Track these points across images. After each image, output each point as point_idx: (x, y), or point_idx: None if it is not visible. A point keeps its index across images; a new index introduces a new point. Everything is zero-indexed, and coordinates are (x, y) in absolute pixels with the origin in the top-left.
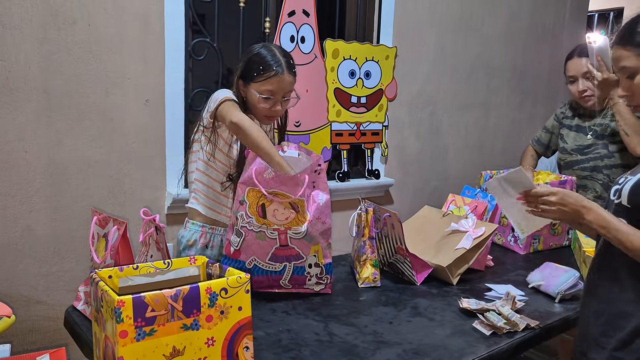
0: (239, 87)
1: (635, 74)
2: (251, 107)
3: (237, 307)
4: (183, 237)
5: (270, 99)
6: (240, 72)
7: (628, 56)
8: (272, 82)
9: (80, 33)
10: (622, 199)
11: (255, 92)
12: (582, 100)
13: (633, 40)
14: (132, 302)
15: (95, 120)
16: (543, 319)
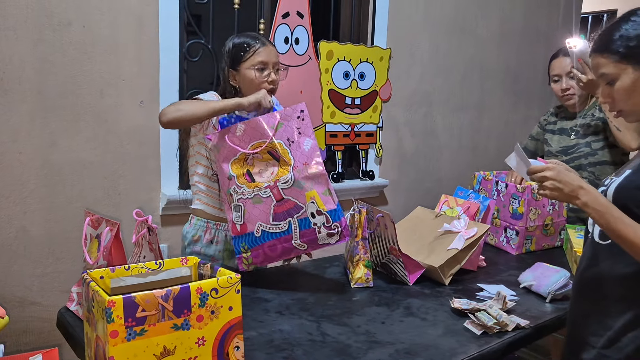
0: (229, 78)
1: (614, 80)
2: (246, 90)
3: (228, 307)
4: (188, 232)
5: (265, 69)
6: (228, 63)
7: (606, 63)
8: (261, 53)
9: (75, 34)
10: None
11: (248, 69)
12: (563, 98)
13: (610, 48)
14: (123, 302)
15: (90, 121)
16: (534, 319)
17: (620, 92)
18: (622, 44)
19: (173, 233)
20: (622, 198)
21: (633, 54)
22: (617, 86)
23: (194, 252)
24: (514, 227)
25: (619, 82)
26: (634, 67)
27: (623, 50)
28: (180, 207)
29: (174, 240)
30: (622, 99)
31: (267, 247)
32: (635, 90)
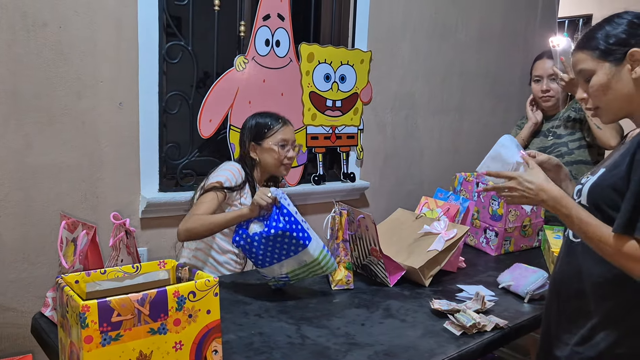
0: (249, 151)
1: (591, 76)
2: (266, 164)
3: (206, 311)
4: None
5: (286, 146)
6: (250, 137)
7: (585, 59)
8: (283, 132)
9: (51, 35)
10: (581, 198)
11: (271, 144)
12: (542, 99)
13: (590, 44)
14: (98, 306)
15: (66, 123)
16: (512, 319)
17: (596, 87)
18: (602, 41)
19: (153, 236)
20: (596, 197)
21: (611, 50)
22: (592, 81)
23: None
24: (494, 228)
25: (595, 77)
26: (610, 63)
27: (602, 47)
28: (160, 210)
29: (154, 244)
30: (597, 95)
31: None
32: (609, 87)
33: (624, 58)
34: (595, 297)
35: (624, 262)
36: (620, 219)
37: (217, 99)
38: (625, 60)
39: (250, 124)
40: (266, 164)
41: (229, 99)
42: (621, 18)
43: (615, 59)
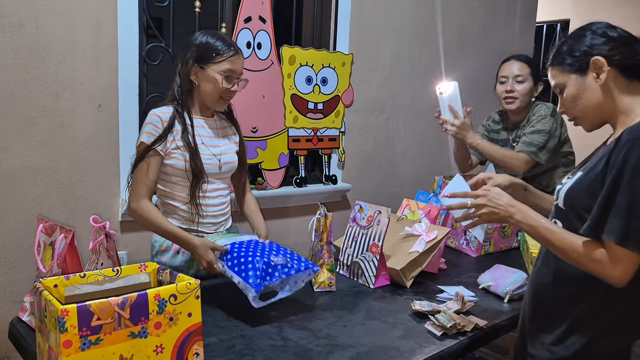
0: (190, 73)
1: (563, 89)
2: (204, 92)
3: (187, 314)
4: (156, 241)
5: (231, 78)
6: (195, 57)
7: (556, 75)
8: (232, 62)
9: (28, 36)
10: (558, 201)
11: (215, 72)
12: (505, 100)
13: (557, 60)
14: (77, 311)
15: (44, 125)
16: (492, 319)
17: (568, 99)
18: (567, 55)
19: (133, 239)
20: (572, 200)
21: (576, 62)
22: (565, 94)
23: (160, 262)
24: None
25: (566, 90)
26: (577, 74)
27: (568, 61)
28: None
29: (134, 247)
30: (571, 106)
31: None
32: (579, 97)
33: (588, 67)
34: (570, 298)
35: (595, 267)
36: (590, 221)
37: None
38: (589, 69)
39: (198, 40)
40: (204, 92)
41: None
42: (583, 30)
43: (580, 69)
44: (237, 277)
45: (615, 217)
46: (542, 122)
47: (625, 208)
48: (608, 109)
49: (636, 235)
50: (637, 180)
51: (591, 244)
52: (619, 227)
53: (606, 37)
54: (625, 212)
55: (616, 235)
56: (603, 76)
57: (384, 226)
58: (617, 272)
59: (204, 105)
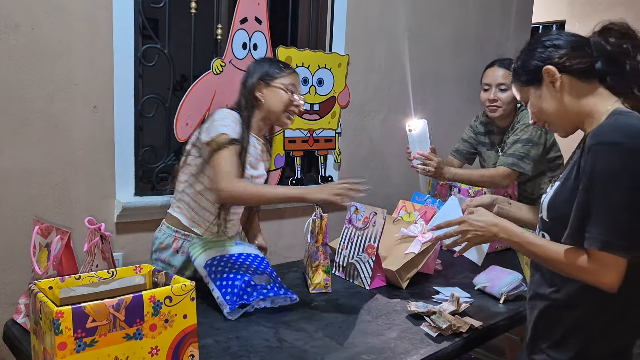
0: (256, 90)
1: (527, 101)
2: (270, 107)
3: (182, 315)
4: (157, 238)
5: (294, 93)
6: (259, 75)
7: (517, 90)
8: (293, 77)
9: (23, 37)
10: (543, 214)
11: (282, 86)
12: (489, 108)
13: (515, 76)
14: (72, 312)
15: (39, 127)
16: (487, 319)
17: (533, 111)
18: (522, 70)
19: (129, 241)
20: (554, 212)
21: (530, 75)
22: (529, 106)
23: (160, 259)
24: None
25: (529, 103)
26: (534, 87)
27: (523, 77)
28: (136, 214)
29: (130, 248)
30: (538, 116)
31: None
32: (542, 107)
33: (542, 78)
34: (565, 304)
35: (585, 276)
36: (569, 230)
37: (194, 103)
38: (543, 79)
39: (260, 63)
40: (271, 106)
41: (206, 103)
42: (535, 44)
43: (535, 81)
44: (218, 291)
45: (593, 225)
46: (524, 131)
47: (602, 214)
48: (574, 114)
49: (617, 239)
50: (608, 185)
51: (576, 252)
52: (600, 234)
53: (554, 47)
54: (602, 219)
55: (598, 243)
56: (557, 84)
57: (380, 227)
58: (607, 279)
59: (263, 124)
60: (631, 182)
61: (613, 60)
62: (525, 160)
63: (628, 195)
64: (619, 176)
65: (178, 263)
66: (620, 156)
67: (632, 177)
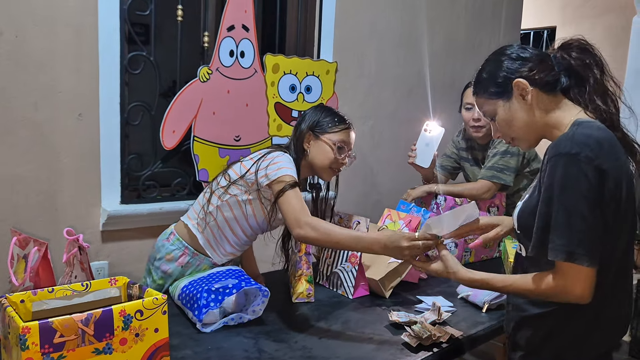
0: (304, 140)
1: (494, 115)
2: (313, 160)
3: (154, 329)
4: (163, 247)
5: (343, 149)
6: (311, 125)
7: (483, 102)
8: (346, 134)
9: (6, 44)
10: (515, 226)
11: (329, 142)
12: (472, 128)
13: (481, 88)
14: (39, 327)
15: (22, 135)
16: (469, 329)
17: (502, 124)
18: (490, 82)
19: (113, 249)
20: (523, 223)
21: (499, 88)
22: (497, 120)
23: (160, 269)
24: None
25: (497, 116)
26: (503, 100)
27: (492, 89)
28: (121, 222)
29: (115, 257)
30: (505, 130)
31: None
32: (512, 120)
33: (512, 91)
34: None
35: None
36: (533, 242)
37: (181, 110)
38: (513, 92)
39: (315, 110)
40: (314, 160)
41: (193, 110)
42: (499, 56)
43: (505, 94)
44: (189, 312)
45: (555, 236)
46: (503, 143)
47: (563, 225)
48: (541, 126)
49: (581, 249)
50: (567, 195)
51: (540, 276)
52: (562, 245)
53: (522, 59)
54: (563, 229)
55: (562, 254)
56: (528, 97)
57: None
58: (577, 290)
59: (306, 171)
60: (589, 192)
61: (577, 74)
62: (505, 172)
63: (586, 204)
64: (576, 186)
65: (177, 275)
66: (577, 166)
67: (590, 186)
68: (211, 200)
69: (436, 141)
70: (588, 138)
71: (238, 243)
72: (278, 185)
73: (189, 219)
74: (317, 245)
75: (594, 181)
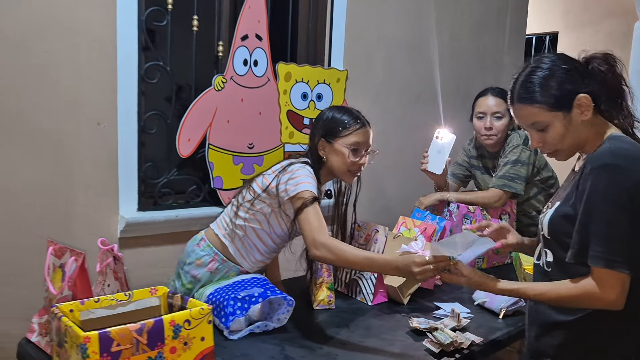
0: (319, 147)
1: (546, 127)
2: (332, 166)
3: (200, 338)
4: (194, 252)
5: (358, 151)
6: (322, 132)
7: (538, 113)
8: (359, 134)
9: (33, 59)
10: (544, 231)
11: (342, 146)
12: (483, 137)
13: (536, 97)
14: (98, 337)
15: (44, 144)
16: (487, 334)
17: (554, 137)
18: (547, 93)
19: (131, 256)
20: (554, 230)
21: (561, 101)
22: (550, 132)
23: (190, 273)
24: None
25: (552, 128)
26: (563, 112)
27: (552, 100)
28: (139, 229)
29: (133, 264)
30: (556, 142)
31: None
32: (566, 134)
33: (572, 105)
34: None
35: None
36: (573, 249)
37: (196, 119)
38: (573, 106)
39: (325, 116)
40: (332, 166)
41: (208, 119)
42: (557, 66)
43: (565, 107)
44: (216, 318)
45: (596, 244)
46: (514, 152)
47: (604, 234)
48: (584, 140)
49: (620, 257)
50: (608, 206)
51: (575, 282)
52: (603, 253)
53: (581, 74)
54: (604, 238)
55: (602, 261)
56: (589, 113)
57: (382, 245)
58: (612, 296)
59: (328, 177)
60: (628, 203)
61: (613, 90)
62: (516, 181)
63: (625, 214)
64: (617, 197)
65: (205, 281)
66: (619, 178)
67: (629, 197)
68: (239, 214)
69: (447, 148)
70: (626, 152)
71: (267, 251)
72: (297, 202)
73: (219, 228)
74: (332, 265)
75: (633, 192)
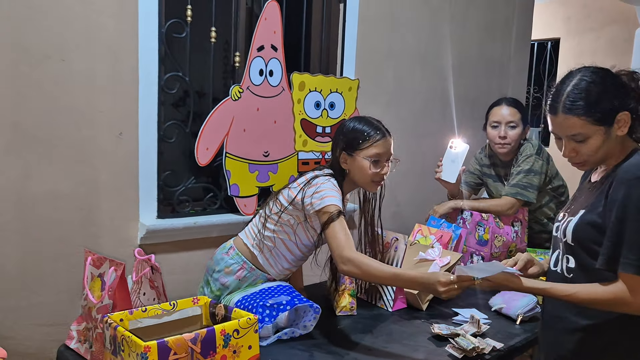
0: (340, 160)
1: (588, 139)
2: (354, 178)
3: (247, 346)
4: (223, 260)
5: (379, 162)
6: (343, 145)
7: (583, 125)
8: (379, 146)
9: (53, 68)
10: (567, 238)
11: (363, 158)
12: (497, 146)
13: (582, 110)
14: (157, 347)
15: (65, 153)
16: (506, 340)
17: (590, 149)
18: (594, 106)
19: None
20: (579, 238)
21: (606, 116)
22: (589, 143)
23: (219, 281)
24: (480, 252)
25: (591, 140)
26: (606, 127)
27: (599, 114)
28: (158, 236)
29: None
30: (591, 154)
31: None
32: (603, 146)
33: (614, 120)
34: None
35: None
36: (604, 256)
37: (214, 128)
38: (615, 122)
39: (346, 127)
40: (355, 177)
41: (225, 128)
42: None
43: (608, 122)
44: None
45: (629, 251)
46: (527, 161)
47: (636, 242)
48: (612, 153)
49: None
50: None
51: (603, 286)
52: (635, 260)
53: (630, 91)
54: (637, 246)
55: (634, 268)
56: (625, 129)
57: (401, 252)
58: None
59: (351, 187)
60: None
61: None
62: (529, 190)
63: None
64: None
65: (233, 288)
66: None
67: None
68: (267, 226)
69: (461, 157)
70: None
71: (295, 260)
72: (323, 217)
73: (248, 237)
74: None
75: None
